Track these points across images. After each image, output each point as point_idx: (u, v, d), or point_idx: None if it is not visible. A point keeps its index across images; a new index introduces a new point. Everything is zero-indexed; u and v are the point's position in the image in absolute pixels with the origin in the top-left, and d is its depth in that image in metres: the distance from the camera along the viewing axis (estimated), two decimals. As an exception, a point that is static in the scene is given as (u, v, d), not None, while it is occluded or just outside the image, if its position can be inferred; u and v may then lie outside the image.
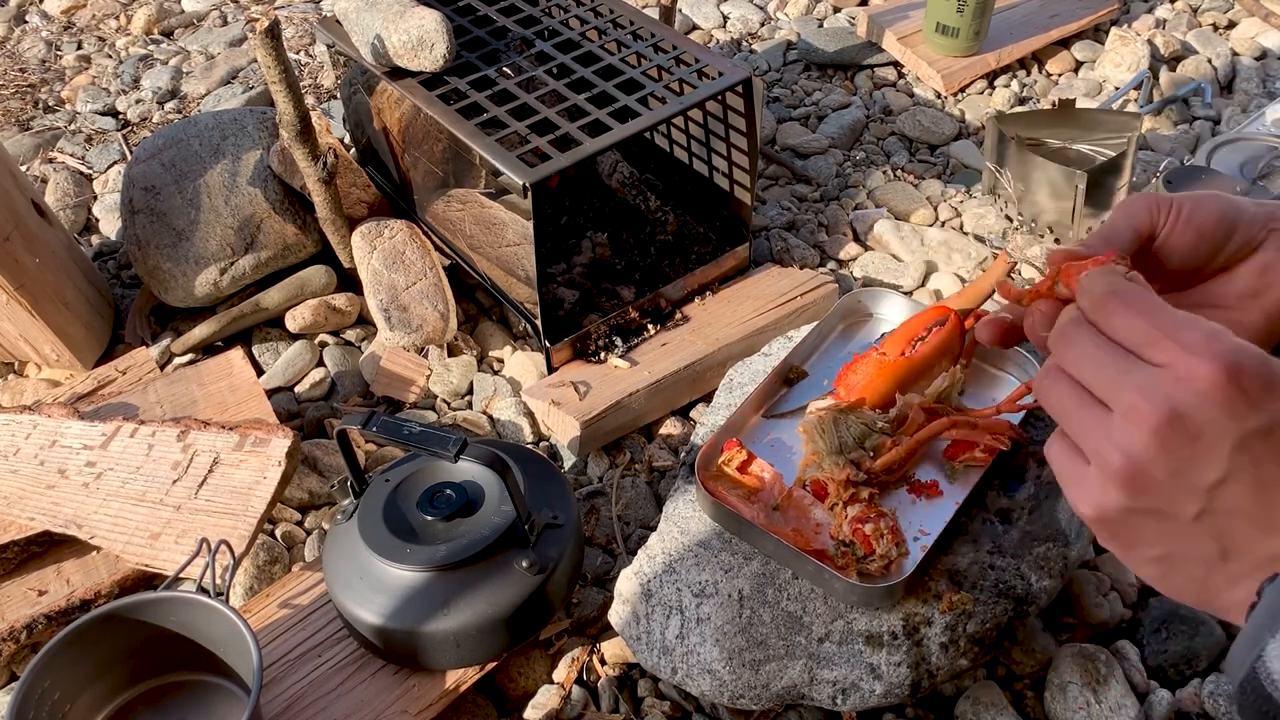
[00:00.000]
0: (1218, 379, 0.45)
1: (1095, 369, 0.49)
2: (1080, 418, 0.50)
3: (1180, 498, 0.48)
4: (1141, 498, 0.48)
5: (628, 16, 1.42)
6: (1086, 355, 0.50)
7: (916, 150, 1.76)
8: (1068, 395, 0.51)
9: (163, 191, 1.43)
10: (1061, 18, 1.94)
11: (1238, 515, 0.47)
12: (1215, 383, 0.45)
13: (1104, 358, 0.49)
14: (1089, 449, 0.49)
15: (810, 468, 1.03)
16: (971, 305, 1.15)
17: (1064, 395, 0.51)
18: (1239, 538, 0.48)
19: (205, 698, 1.03)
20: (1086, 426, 0.49)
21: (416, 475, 1.05)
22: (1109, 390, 0.49)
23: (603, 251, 1.45)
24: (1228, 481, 0.47)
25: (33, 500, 1.16)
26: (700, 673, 0.95)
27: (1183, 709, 1.00)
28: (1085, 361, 0.50)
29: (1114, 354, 0.49)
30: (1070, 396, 0.50)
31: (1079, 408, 0.50)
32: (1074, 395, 0.50)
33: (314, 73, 2.03)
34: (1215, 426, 0.46)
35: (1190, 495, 0.47)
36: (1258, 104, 1.75)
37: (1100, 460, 0.49)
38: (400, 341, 1.40)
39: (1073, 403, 0.50)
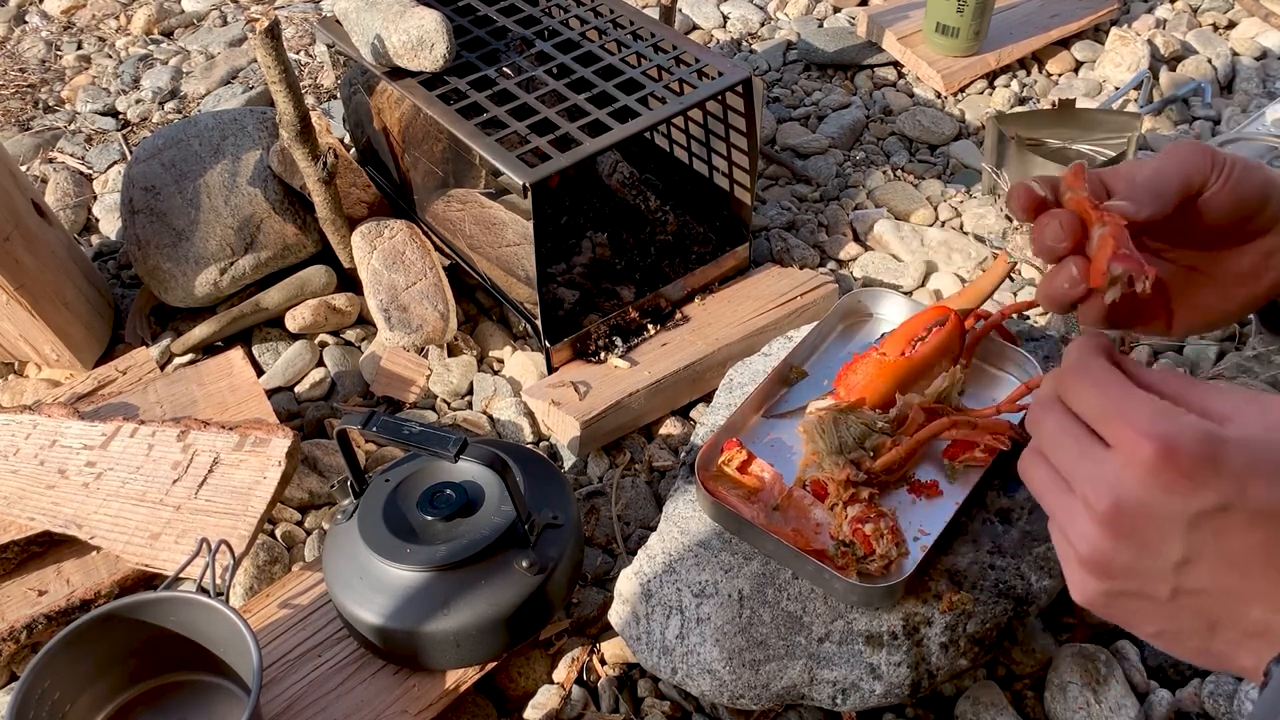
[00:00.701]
0: (1153, 462, 0.45)
1: (1059, 452, 0.50)
2: (1052, 502, 0.50)
3: (1149, 580, 0.48)
4: (1113, 583, 0.48)
5: (628, 16, 1.42)
6: (1050, 437, 0.50)
7: (916, 150, 1.76)
8: (1041, 479, 0.51)
9: (163, 191, 1.43)
10: (1061, 18, 1.94)
11: (1212, 592, 0.47)
12: (1152, 466, 0.45)
13: (1066, 440, 0.49)
14: (1064, 534, 0.50)
15: (810, 468, 1.03)
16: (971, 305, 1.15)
17: (1038, 479, 0.51)
18: (1221, 611, 0.47)
19: (205, 698, 1.03)
20: (1058, 511, 0.50)
21: (416, 475, 1.05)
22: (1070, 476, 0.49)
23: (603, 251, 1.45)
24: (1190, 562, 0.46)
25: (33, 500, 1.16)
26: (700, 673, 0.95)
27: (1183, 709, 1.00)
28: (1049, 443, 0.50)
29: (1074, 436, 0.49)
30: (1044, 480, 0.51)
31: (1051, 492, 0.50)
32: (1048, 478, 0.51)
33: (314, 73, 2.03)
34: (1163, 510, 0.46)
35: (1159, 576, 0.47)
36: (1258, 104, 1.75)
37: (1073, 548, 0.49)
38: (400, 341, 1.40)
39: (1045, 486, 0.51)
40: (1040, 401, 0.52)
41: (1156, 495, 0.45)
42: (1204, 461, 0.44)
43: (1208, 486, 0.44)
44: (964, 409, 1.05)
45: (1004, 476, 1.04)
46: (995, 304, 1.40)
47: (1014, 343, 1.13)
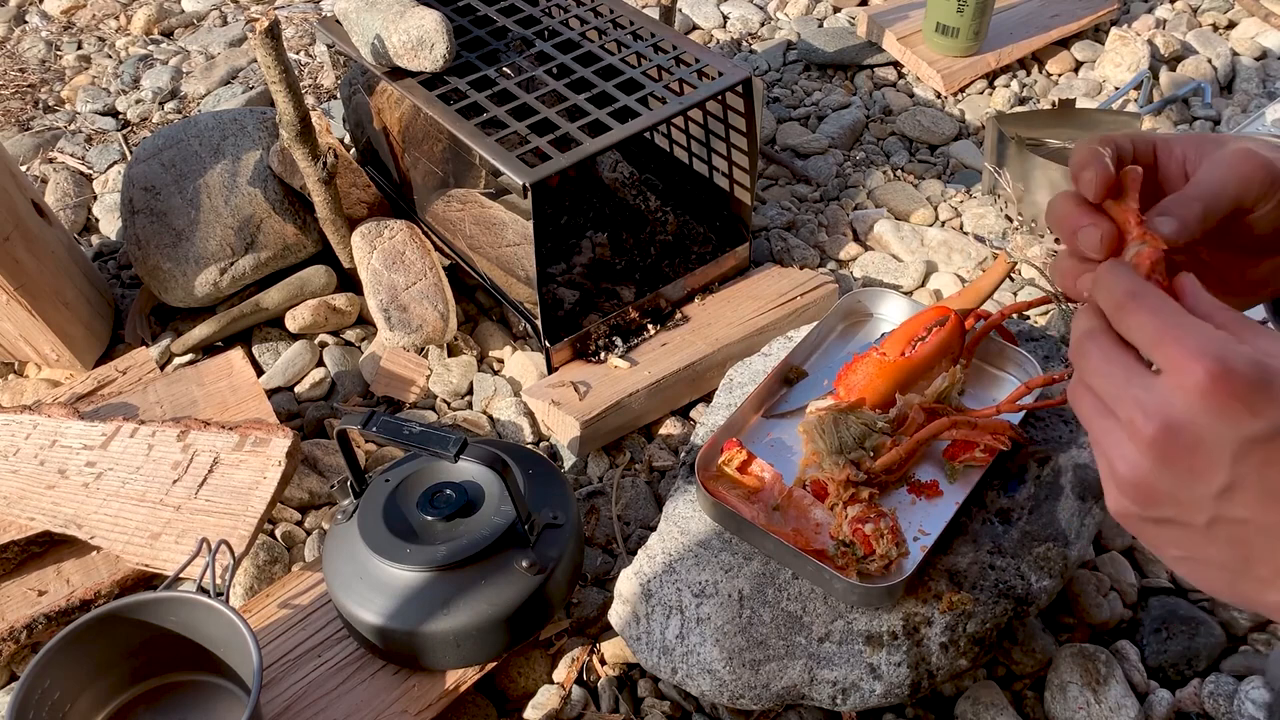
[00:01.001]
0: (1206, 384, 0.45)
1: (1103, 380, 0.49)
2: (1096, 428, 0.50)
3: (1189, 507, 0.47)
4: (1150, 509, 0.48)
5: (628, 16, 1.42)
6: (1095, 368, 0.50)
7: (916, 150, 1.76)
8: (1087, 405, 0.51)
9: (163, 191, 1.43)
10: (1061, 18, 1.94)
11: (1250, 524, 0.46)
12: (1205, 389, 0.45)
13: (1110, 369, 0.49)
14: (1106, 456, 0.50)
15: (810, 468, 1.03)
16: (971, 305, 1.15)
17: (1084, 405, 0.51)
18: (1257, 546, 0.47)
19: (205, 698, 1.03)
20: (1099, 437, 0.50)
21: (416, 475, 1.05)
22: (1114, 403, 0.49)
23: (603, 251, 1.45)
24: (1234, 490, 0.46)
25: (33, 500, 1.16)
26: (700, 673, 0.95)
27: (1183, 709, 1.00)
28: (1094, 374, 0.50)
29: (1120, 364, 0.49)
30: (1089, 406, 0.51)
31: (1096, 417, 0.50)
32: (1092, 405, 0.51)
33: (314, 73, 2.03)
34: (1212, 435, 0.45)
35: (1198, 505, 0.47)
36: (1258, 104, 1.75)
37: (1112, 470, 0.49)
38: (400, 341, 1.40)
39: (1091, 411, 0.51)
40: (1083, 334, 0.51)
41: (1207, 419, 0.45)
42: (1258, 386, 0.44)
43: (1259, 413, 0.44)
44: (964, 409, 1.05)
45: (1004, 476, 1.04)
46: (995, 304, 1.40)
47: (1014, 343, 1.13)
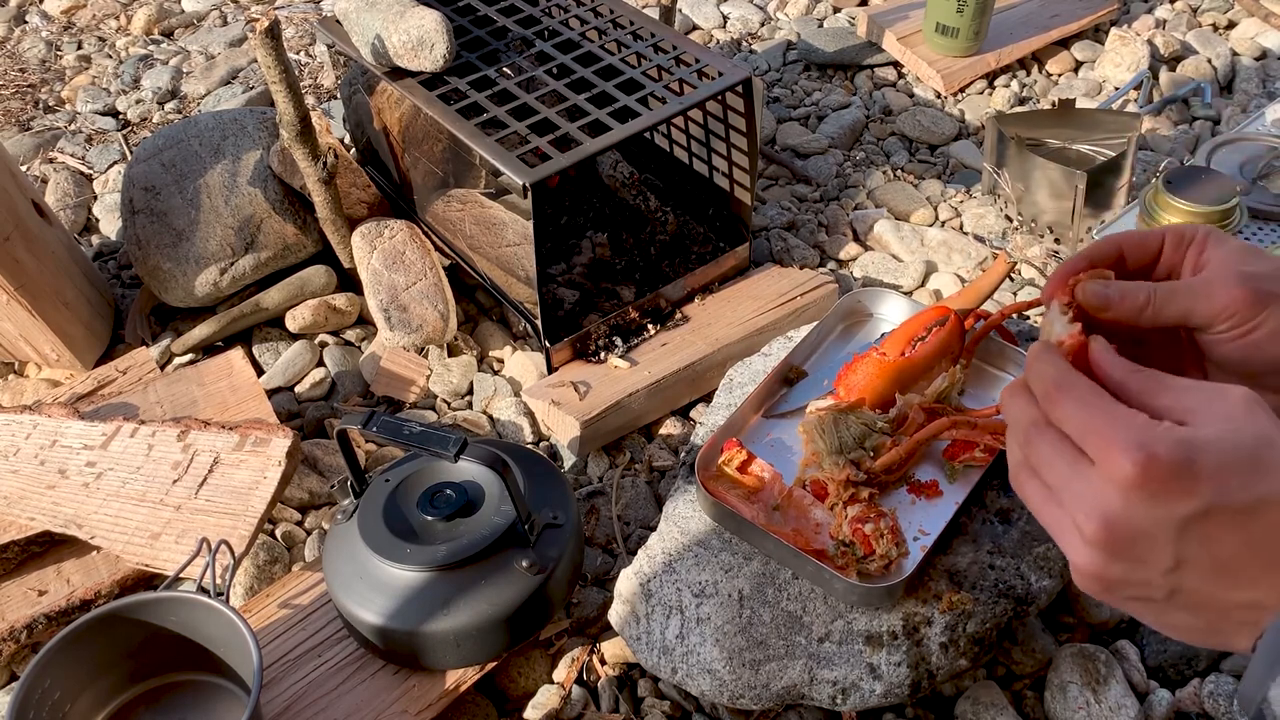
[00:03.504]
0: (1134, 477, 0.46)
1: (1048, 472, 0.51)
2: (1047, 517, 0.52)
3: (1145, 587, 0.49)
4: (1111, 592, 0.51)
5: (628, 16, 1.42)
6: (1042, 458, 0.52)
7: (916, 150, 1.76)
8: (1036, 494, 0.53)
9: (163, 191, 1.43)
10: (1061, 18, 1.94)
11: (1206, 591, 0.48)
12: (1134, 481, 0.46)
13: (1055, 461, 0.51)
14: (1060, 543, 0.52)
15: (810, 468, 1.03)
16: (971, 305, 1.15)
17: (1032, 494, 0.53)
18: (1215, 603, 0.49)
19: (205, 698, 1.03)
20: (1051, 525, 0.52)
21: (416, 475, 1.05)
22: (1060, 495, 0.51)
23: (603, 251, 1.45)
24: (1183, 566, 0.48)
25: (33, 500, 1.16)
26: (700, 673, 0.95)
27: (1183, 709, 1.00)
28: (1041, 465, 0.52)
29: (1063, 455, 0.51)
30: (1038, 496, 0.52)
31: (1045, 506, 0.52)
32: (1041, 495, 0.52)
33: (314, 73, 2.03)
34: (1150, 522, 0.47)
35: (1153, 584, 0.49)
36: (1258, 104, 1.75)
37: (1069, 557, 0.51)
38: (400, 341, 1.40)
39: (1040, 501, 0.52)
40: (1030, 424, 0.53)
41: (1142, 508, 0.47)
42: (1184, 469, 0.46)
43: (1189, 493, 0.46)
44: (964, 409, 1.06)
45: (1004, 476, 1.04)
46: (995, 304, 1.40)
47: (1014, 343, 1.13)
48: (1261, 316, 0.56)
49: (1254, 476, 0.46)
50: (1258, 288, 0.56)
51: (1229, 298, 0.56)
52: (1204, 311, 0.57)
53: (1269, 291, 0.56)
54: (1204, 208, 1.23)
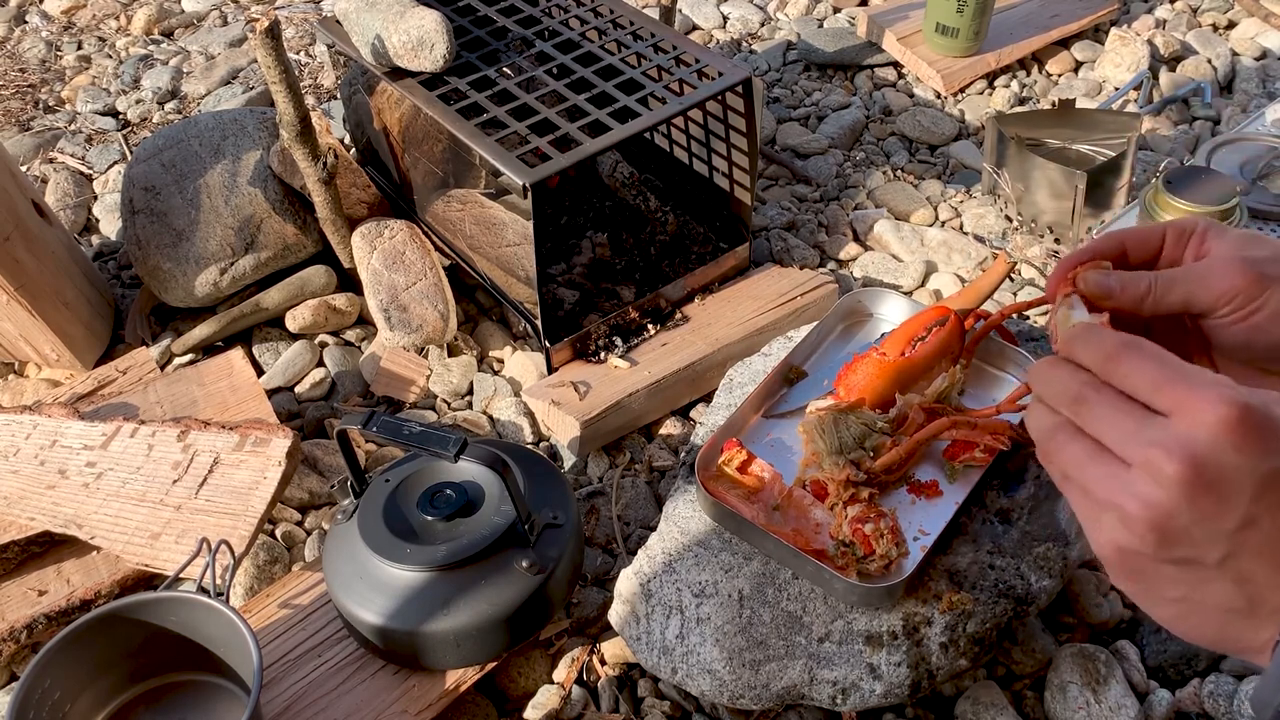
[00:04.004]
0: (1230, 423, 0.45)
1: (1111, 427, 0.49)
2: (1093, 476, 0.50)
3: (1204, 544, 0.47)
4: (1165, 548, 0.48)
5: (628, 16, 1.42)
6: (1098, 415, 0.50)
7: (916, 150, 1.76)
8: (1076, 454, 0.51)
9: (163, 191, 1.43)
10: (1061, 18, 1.94)
11: (1262, 558, 0.47)
12: (1229, 426, 0.45)
13: (1118, 416, 0.49)
14: (1106, 500, 0.49)
15: (810, 468, 1.03)
16: (971, 305, 1.15)
17: (1078, 452, 0.51)
18: (1262, 581, 0.47)
19: (205, 698, 1.03)
20: (1102, 480, 0.49)
21: (416, 475, 1.05)
22: (1124, 447, 0.49)
23: (603, 251, 1.45)
24: (1251, 525, 0.46)
25: (33, 500, 1.16)
26: (700, 673, 0.95)
27: (1183, 709, 1.00)
28: (1097, 420, 0.50)
29: (1128, 411, 0.49)
30: (1080, 454, 0.51)
31: (1093, 463, 0.50)
32: (1088, 451, 0.50)
33: (314, 73, 2.03)
34: (1234, 471, 0.46)
35: (1214, 541, 0.47)
36: (1258, 104, 1.75)
37: (1122, 515, 0.48)
38: (400, 341, 1.40)
39: (1086, 457, 0.50)
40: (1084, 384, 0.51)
41: (1230, 454, 0.46)
42: (1273, 424, 0.45)
43: (1276, 450, 0.45)
44: (964, 409, 1.05)
45: (1004, 476, 1.04)
46: (995, 304, 1.40)
47: (1014, 343, 1.13)
48: (1262, 299, 0.56)
49: None
50: (1259, 271, 0.56)
51: (1229, 281, 0.56)
52: (1205, 296, 0.57)
53: (1269, 274, 0.56)
54: (1204, 208, 1.23)
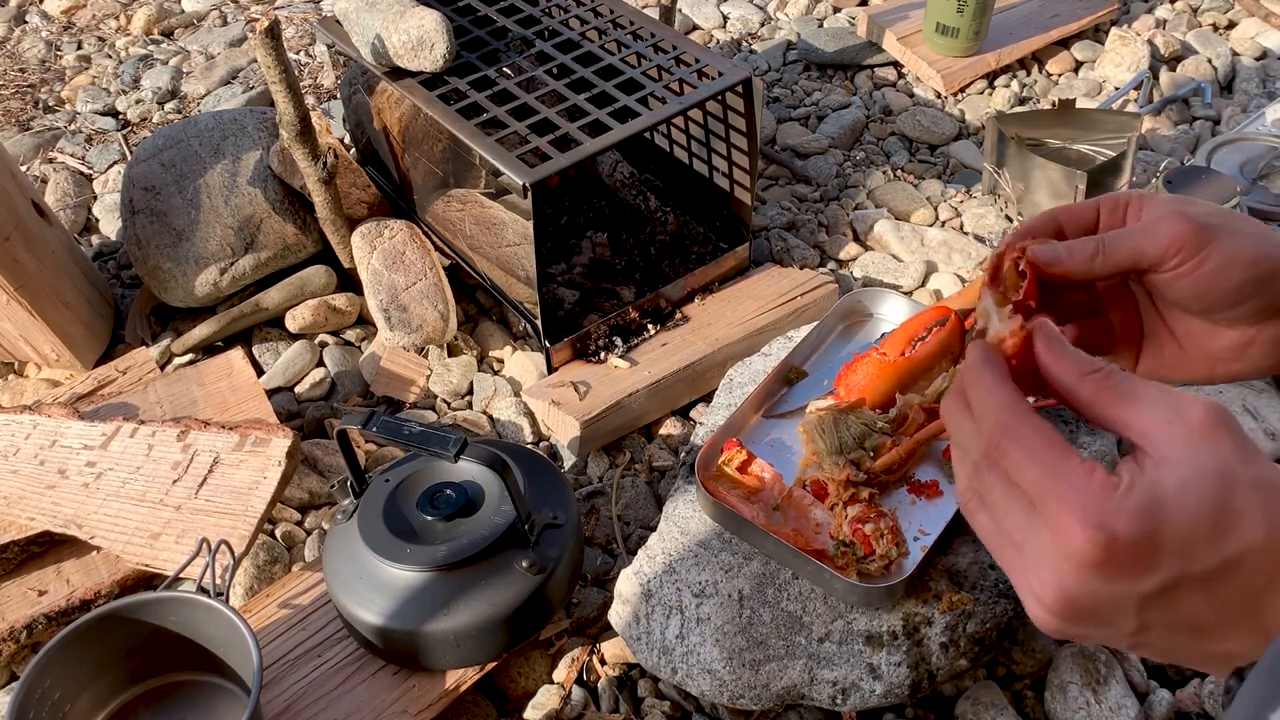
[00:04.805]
0: (1093, 557, 0.43)
1: (1003, 516, 0.48)
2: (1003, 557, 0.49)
3: (1110, 640, 0.47)
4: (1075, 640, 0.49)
5: (628, 16, 1.42)
6: (994, 500, 0.48)
7: (916, 150, 1.76)
8: (987, 529, 0.49)
9: (163, 191, 1.43)
10: (1061, 18, 1.94)
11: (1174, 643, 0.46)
12: (1093, 561, 0.43)
13: (1010, 507, 0.47)
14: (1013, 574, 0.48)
15: (810, 468, 1.03)
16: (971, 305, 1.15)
17: (984, 527, 0.49)
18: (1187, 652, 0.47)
19: (205, 698, 1.03)
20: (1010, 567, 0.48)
21: (416, 475, 1.05)
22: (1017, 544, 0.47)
23: (603, 251, 1.45)
24: (1148, 629, 0.45)
25: (33, 500, 1.16)
26: (700, 673, 0.95)
27: (1183, 709, 1.00)
28: (993, 505, 0.48)
29: (1017, 504, 0.47)
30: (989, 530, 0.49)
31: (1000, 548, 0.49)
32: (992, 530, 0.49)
33: (314, 73, 2.03)
34: (1109, 596, 0.44)
35: (1117, 640, 0.47)
36: (1258, 104, 1.75)
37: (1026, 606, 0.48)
38: (400, 341, 1.40)
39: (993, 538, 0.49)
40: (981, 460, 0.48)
41: (1101, 585, 0.44)
42: (1144, 545, 0.43)
43: (1152, 569, 0.43)
44: (964, 409, 1.05)
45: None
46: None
47: (1014, 343, 1.12)
48: (1208, 248, 0.56)
49: (1219, 539, 0.43)
50: (1200, 222, 0.56)
51: (1174, 232, 0.56)
52: (1153, 248, 0.57)
53: (1209, 224, 0.56)
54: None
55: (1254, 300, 0.57)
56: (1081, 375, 0.48)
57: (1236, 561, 0.43)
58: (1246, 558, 0.43)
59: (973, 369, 0.50)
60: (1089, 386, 0.48)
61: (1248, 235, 0.56)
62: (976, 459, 0.49)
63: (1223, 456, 0.44)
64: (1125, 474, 0.44)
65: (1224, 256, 0.56)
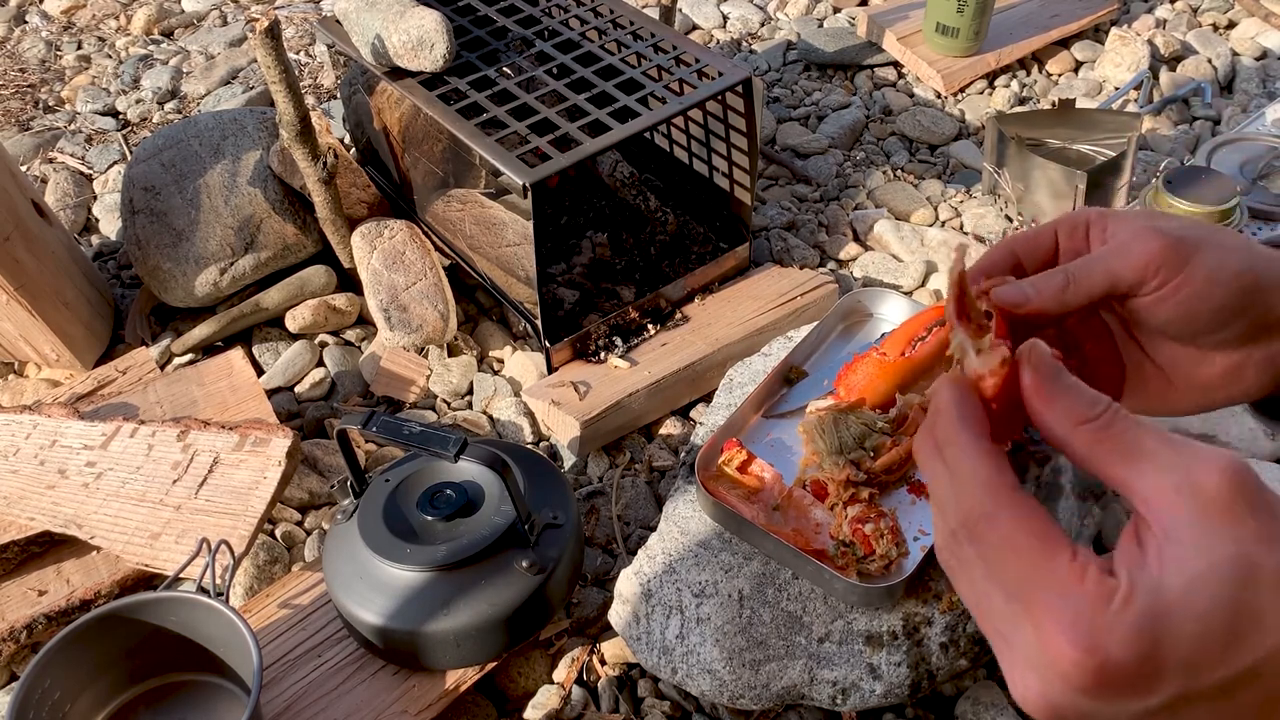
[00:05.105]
0: (1084, 680, 0.37)
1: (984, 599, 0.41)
2: (984, 627, 0.43)
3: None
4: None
5: (628, 16, 1.42)
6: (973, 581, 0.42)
7: (916, 150, 1.76)
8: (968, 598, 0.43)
9: (163, 191, 1.43)
10: (1061, 18, 1.94)
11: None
12: (1082, 683, 0.37)
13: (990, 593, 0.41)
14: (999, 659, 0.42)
15: (810, 468, 1.03)
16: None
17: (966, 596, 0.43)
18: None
19: (205, 698, 1.03)
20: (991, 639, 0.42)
21: (416, 475, 1.05)
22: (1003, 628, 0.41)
23: (603, 251, 1.45)
24: None
25: (33, 500, 1.16)
26: (700, 673, 0.95)
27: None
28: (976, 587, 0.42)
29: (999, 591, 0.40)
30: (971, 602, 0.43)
31: (982, 620, 0.42)
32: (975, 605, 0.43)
33: (314, 73, 2.03)
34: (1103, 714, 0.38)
35: None
36: (1258, 104, 1.75)
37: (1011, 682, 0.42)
38: (400, 341, 1.40)
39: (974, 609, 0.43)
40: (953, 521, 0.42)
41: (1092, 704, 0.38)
42: (1144, 665, 0.36)
43: (1151, 690, 0.37)
44: (964, 409, 1.05)
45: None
46: (995, 304, 1.40)
47: (1014, 343, 1.12)
48: (1190, 265, 0.51)
49: (1235, 648, 0.36)
50: (1175, 237, 0.51)
51: (1149, 250, 0.51)
52: (1128, 270, 0.52)
53: (1187, 238, 0.51)
54: (1204, 208, 1.23)
55: (1242, 319, 0.52)
56: (1075, 424, 0.41)
57: (1254, 671, 0.36)
58: (1266, 666, 0.36)
59: (946, 421, 0.43)
60: (1083, 439, 0.41)
61: (1230, 249, 0.51)
62: (954, 526, 0.42)
63: (1242, 542, 0.36)
64: (1123, 574, 0.38)
65: (1207, 272, 0.51)
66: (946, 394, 0.44)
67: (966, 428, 0.43)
